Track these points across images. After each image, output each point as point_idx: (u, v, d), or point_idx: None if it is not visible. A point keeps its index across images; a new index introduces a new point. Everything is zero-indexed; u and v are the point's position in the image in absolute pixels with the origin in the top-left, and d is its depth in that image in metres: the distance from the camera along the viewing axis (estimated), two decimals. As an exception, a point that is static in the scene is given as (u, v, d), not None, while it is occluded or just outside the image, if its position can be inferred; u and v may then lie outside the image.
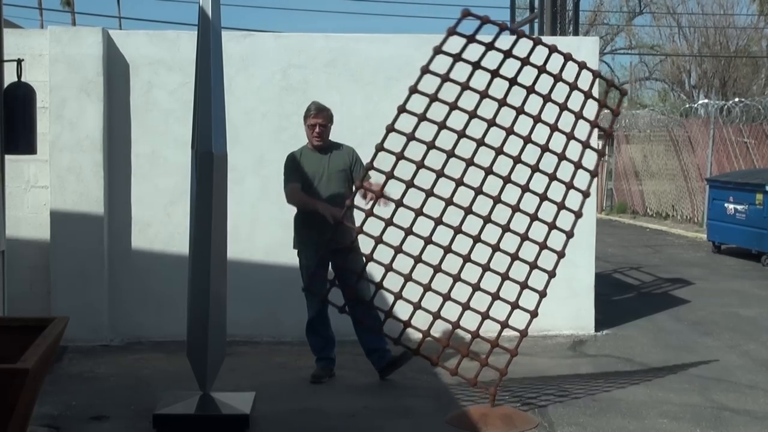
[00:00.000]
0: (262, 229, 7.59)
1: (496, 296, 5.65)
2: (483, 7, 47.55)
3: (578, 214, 5.67)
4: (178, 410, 5.24)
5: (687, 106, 21.73)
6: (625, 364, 6.94)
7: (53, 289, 7.34)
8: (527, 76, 5.69)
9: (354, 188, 6.31)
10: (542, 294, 5.60)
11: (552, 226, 5.66)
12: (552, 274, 5.62)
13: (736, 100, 18.90)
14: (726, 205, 13.50)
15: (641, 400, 5.94)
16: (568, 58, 5.65)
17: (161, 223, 7.57)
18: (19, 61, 5.57)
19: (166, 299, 7.37)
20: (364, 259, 6.37)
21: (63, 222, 7.34)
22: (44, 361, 3.26)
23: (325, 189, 6.27)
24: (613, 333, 8.06)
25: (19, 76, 5.52)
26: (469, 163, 5.56)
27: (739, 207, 13.19)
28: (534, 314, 5.61)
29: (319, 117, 6.30)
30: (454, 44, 5.56)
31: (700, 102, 20.44)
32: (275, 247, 7.42)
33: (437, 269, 5.69)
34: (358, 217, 5.94)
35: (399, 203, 5.65)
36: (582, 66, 5.69)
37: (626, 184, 21.77)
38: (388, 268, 5.73)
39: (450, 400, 5.93)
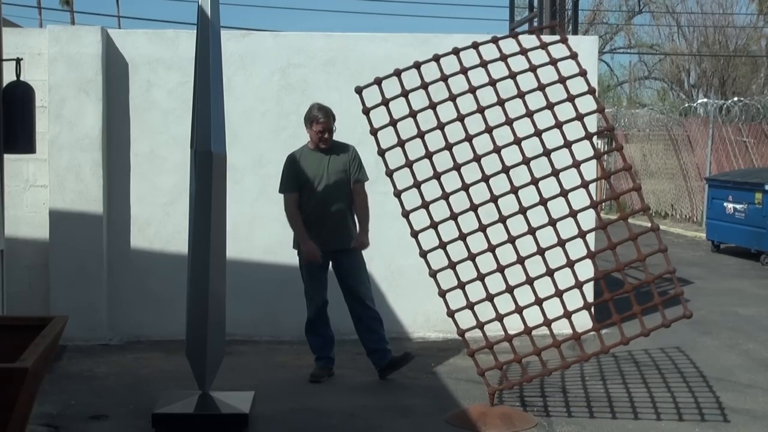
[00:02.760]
0: (262, 228, 7.59)
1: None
2: (483, 6, 47.59)
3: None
4: (177, 409, 5.24)
5: (686, 105, 21.74)
6: (624, 364, 6.94)
7: (52, 288, 7.33)
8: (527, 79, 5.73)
9: (351, 186, 6.31)
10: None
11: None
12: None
13: (735, 99, 18.90)
14: (725, 204, 13.50)
15: (640, 399, 5.94)
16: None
17: (160, 223, 7.57)
18: (18, 60, 5.56)
19: (165, 298, 7.36)
20: (364, 259, 6.38)
21: (62, 221, 7.33)
22: (43, 360, 3.25)
23: (324, 190, 6.25)
24: (612, 332, 8.01)
25: (18, 75, 5.52)
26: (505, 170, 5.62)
27: (738, 206, 13.19)
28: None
29: (327, 123, 6.26)
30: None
31: (699, 101, 20.44)
32: (274, 246, 7.42)
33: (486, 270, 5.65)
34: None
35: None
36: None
37: (625, 184, 21.76)
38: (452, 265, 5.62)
39: (449, 399, 5.93)
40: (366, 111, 5.65)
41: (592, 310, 5.79)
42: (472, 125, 5.74)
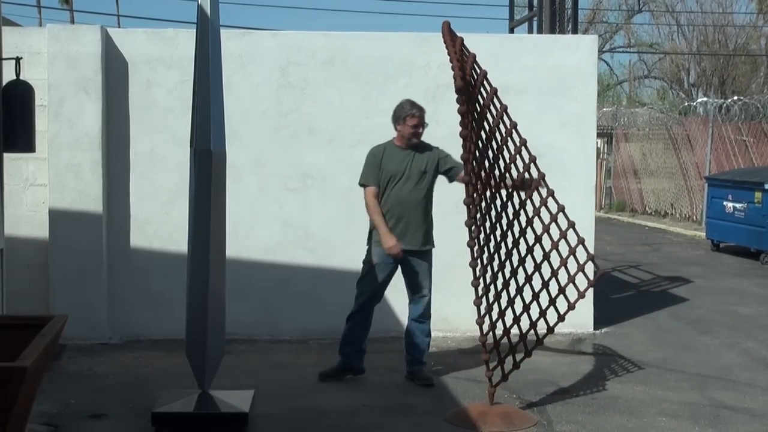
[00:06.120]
0: (261, 227, 7.58)
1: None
2: (482, 5, 47.57)
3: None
4: (176, 408, 5.24)
5: (686, 104, 21.75)
6: (623, 363, 6.94)
7: (52, 287, 7.33)
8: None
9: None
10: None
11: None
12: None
13: (735, 98, 18.91)
14: (725, 203, 13.51)
15: (640, 398, 5.94)
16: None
17: (160, 221, 7.56)
18: (18, 59, 5.55)
19: (165, 297, 7.36)
20: (432, 266, 6.26)
21: (62, 220, 7.33)
22: (43, 359, 3.25)
23: (405, 188, 6.14)
24: (611, 331, 8.06)
25: (17, 74, 5.52)
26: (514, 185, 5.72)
27: (738, 205, 13.20)
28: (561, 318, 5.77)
29: (422, 116, 6.16)
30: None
31: (698, 100, 20.45)
32: (274, 245, 7.42)
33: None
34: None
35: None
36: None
37: (625, 183, 21.77)
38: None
39: (449, 398, 5.93)
40: (463, 111, 5.44)
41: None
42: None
